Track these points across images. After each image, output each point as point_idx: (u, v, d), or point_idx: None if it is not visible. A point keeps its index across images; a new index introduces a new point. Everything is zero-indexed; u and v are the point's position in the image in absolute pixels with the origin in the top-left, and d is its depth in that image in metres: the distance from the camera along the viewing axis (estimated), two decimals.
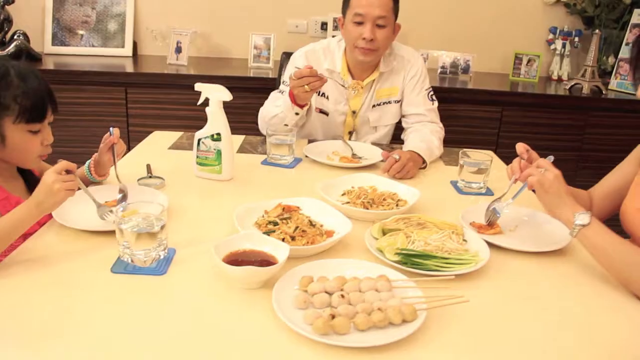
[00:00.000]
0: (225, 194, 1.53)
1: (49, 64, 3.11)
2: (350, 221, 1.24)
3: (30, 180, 1.38)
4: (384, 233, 1.24)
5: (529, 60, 3.30)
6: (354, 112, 2.05)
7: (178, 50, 3.13)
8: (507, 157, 2.98)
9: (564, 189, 1.19)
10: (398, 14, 1.97)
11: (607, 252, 1.12)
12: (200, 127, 1.59)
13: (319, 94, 1.98)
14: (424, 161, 1.76)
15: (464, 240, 1.24)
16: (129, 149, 2.90)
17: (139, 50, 3.43)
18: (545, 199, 1.21)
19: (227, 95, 1.51)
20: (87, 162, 1.51)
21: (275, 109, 1.89)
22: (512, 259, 1.23)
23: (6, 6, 3.01)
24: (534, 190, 1.26)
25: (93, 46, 3.34)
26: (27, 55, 3.05)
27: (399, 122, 2.12)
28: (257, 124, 2.19)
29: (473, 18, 3.41)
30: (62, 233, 1.24)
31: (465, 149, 1.88)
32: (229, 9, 3.36)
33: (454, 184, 1.66)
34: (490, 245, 1.23)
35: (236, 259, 1.07)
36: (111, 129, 1.47)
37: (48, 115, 1.32)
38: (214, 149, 1.54)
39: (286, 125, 1.82)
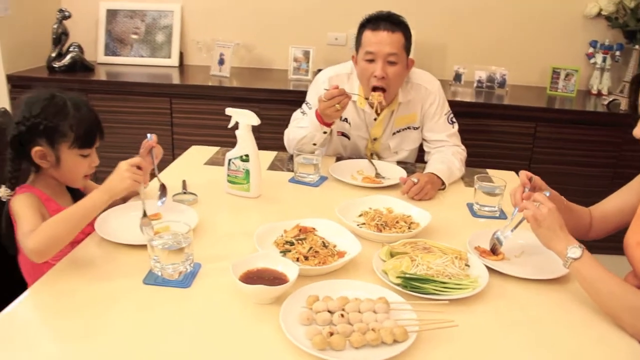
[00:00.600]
0: (252, 211, 1.67)
1: (101, 74, 3.34)
2: (360, 243, 1.36)
3: (77, 196, 1.55)
4: (392, 255, 1.35)
5: (566, 75, 3.32)
6: (375, 139, 2.16)
7: (221, 62, 3.30)
8: (540, 172, 3.03)
9: (558, 223, 1.27)
10: (410, 49, 2.02)
11: (595, 284, 1.20)
12: None
13: (340, 119, 2.09)
14: (443, 182, 1.85)
15: (467, 265, 1.34)
16: (172, 156, 3.11)
17: (184, 61, 3.63)
18: (539, 233, 1.29)
19: (255, 120, 1.64)
20: None
21: (302, 131, 2.01)
22: (511, 285, 1.32)
23: (64, 21, 3.24)
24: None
25: (142, 56, 3.56)
26: (81, 65, 3.29)
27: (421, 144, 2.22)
28: None
29: (511, 31, 3.46)
30: (102, 245, 1.41)
31: (484, 173, 1.98)
32: (271, 21, 3.53)
33: (470, 206, 1.75)
34: (492, 270, 1.33)
35: (252, 277, 1.21)
36: (148, 135, 1.63)
37: (97, 141, 1.49)
38: (243, 169, 1.68)
39: (314, 144, 1.94)
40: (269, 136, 3.00)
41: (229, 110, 1.68)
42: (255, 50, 3.58)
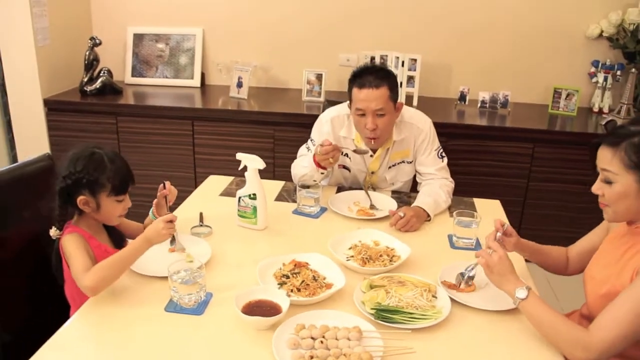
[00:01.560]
0: (259, 242, 1.97)
1: (129, 96, 3.69)
2: (344, 277, 1.66)
3: (112, 231, 1.88)
4: (371, 287, 1.64)
5: (567, 95, 3.55)
6: (372, 173, 2.45)
7: (239, 84, 3.61)
8: (538, 190, 3.29)
9: (508, 268, 1.54)
10: (398, 95, 2.27)
11: (539, 320, 1.46)
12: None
13: (342, 154, 2.37)
14: (428, 215, 2.13)
15: (434, 297, 1.62)
16: (194, 174, 3.43)
17: (206, 81, 3.95)
18: (491, 278, 1.56)
19: (261, 164, 1.95)
20: (150, 209, 1.99)
21: (303, 170, 2.30)
22: (472, 315, 1.58)
23: (94, 48, 3.59)
24: None
25: (166, 77, 3.90)
26: (111, 89, 3.63)
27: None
28: None
29: (515, 51, 3.70)
30: (132, 276, 1.73)
31: (470, 203, 2.25)
32: (287, 44, 3.83)
33: (450, 237, 2.03)
34: (456, 302, 1.61)
35: (252, 307, 1.52)
36: (164, 182, 1.94)
37: (129, 187, 1.80)
38: (251, 206, 1.99)
39: (315, 181, 2.24)
40: (284, 155, 3.32)
41: (239, 155, 1.98)
42: (272, 71, 3.89)
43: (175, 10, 3.87)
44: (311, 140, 2.43)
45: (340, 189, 2.43)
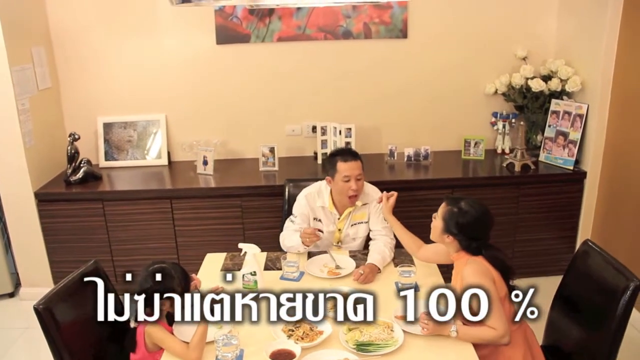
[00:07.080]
0: None
1: (108, 180, 4.53)
2: (330, 324, 2.62)
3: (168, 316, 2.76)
4: (350, 330, 2.61)
5: (475, 143, 4.68)
6: (339, 230, 3.44)
7: (205, 162, 4.52)
8: None
9: (437, 329, 2.50)
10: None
11: (471, 338, 2.45)
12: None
13: (316, 219, 3.39)
14: (379, 269, 3.13)
15: (392, 330, 2.61)
16: (176, 244, 4.30)
17: (172, 158, 4.84)
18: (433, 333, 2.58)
19: (258, 250, 2.89)
20: None
21: (290, 242, 3.27)
22: (418, 339, 2.57)
23: (74, 142, 4.42)
24: None
25: (136, 159, 4.76)
26: (92, 176, 4.46)
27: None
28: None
29: (431, 110, 4.82)
30: None
31: (403, 265, 3.26)
32: (240, 120, 4.80)
33: (396, 284, 3.03)
34: (407, 332, 2.60)
35: (276, 354, 2.45)
36: (192, 275, 2.84)
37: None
38: (252, 280, 2.93)
39: (299, 251, 3.21)
40: (251, 221, 4.26)
41: (240, 245, 2.92)
42: (229, 145, 4.84)
43: (139, 100, 4.75)
44: (293, 215, 3.42)
45: (310, 255, 3.38)
